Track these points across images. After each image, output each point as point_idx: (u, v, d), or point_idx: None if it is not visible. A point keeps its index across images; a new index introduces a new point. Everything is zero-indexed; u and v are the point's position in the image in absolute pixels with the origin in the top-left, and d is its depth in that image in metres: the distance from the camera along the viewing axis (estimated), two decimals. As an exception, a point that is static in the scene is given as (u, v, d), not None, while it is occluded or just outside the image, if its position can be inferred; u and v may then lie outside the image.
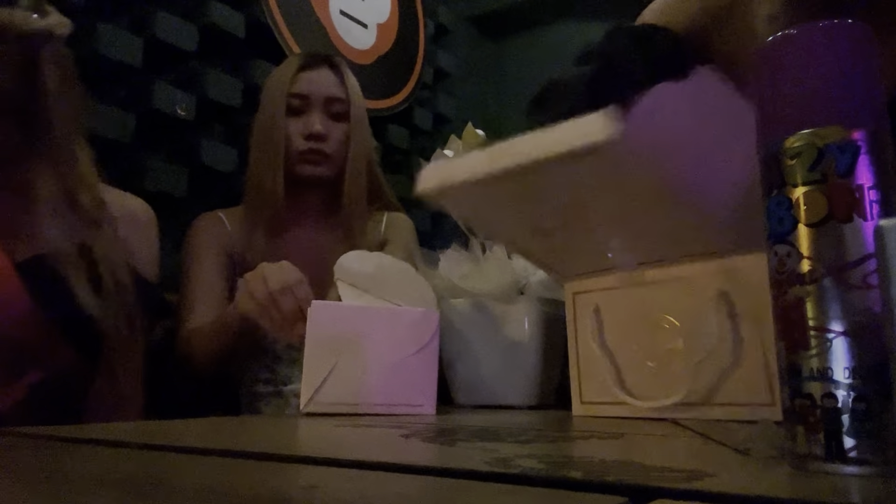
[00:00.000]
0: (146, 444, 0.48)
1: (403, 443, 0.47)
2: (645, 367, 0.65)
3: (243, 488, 0.32)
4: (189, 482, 0.34)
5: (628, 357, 0.67)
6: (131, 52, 1.27)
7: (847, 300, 0.30)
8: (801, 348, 0.31)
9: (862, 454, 0.29)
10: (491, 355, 0.88)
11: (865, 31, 0.33)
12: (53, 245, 0.85)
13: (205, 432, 0.61)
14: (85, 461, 0.42)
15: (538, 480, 0.30)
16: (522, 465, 0.34)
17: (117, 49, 1.23)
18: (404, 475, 0.33)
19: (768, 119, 0.35)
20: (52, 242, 0.85)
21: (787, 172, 0.33)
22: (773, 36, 0.35)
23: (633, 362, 0.66)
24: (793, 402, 0.32)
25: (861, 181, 0.31)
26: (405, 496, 0.30)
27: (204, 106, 1.38)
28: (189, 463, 0.40)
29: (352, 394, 0.72)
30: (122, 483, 0.34)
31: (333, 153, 1.17)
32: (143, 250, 0.98)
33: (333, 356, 0.72)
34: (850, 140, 0.31)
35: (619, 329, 0.68)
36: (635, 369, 0.66)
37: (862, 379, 0.30)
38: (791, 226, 0.32)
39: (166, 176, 1.29)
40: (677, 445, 0.45)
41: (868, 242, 0.30)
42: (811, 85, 0.33)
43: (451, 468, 0.33)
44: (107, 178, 0.94)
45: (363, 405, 0.72)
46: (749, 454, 0.37)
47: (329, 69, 1.20)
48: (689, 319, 0.62)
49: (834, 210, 0.31)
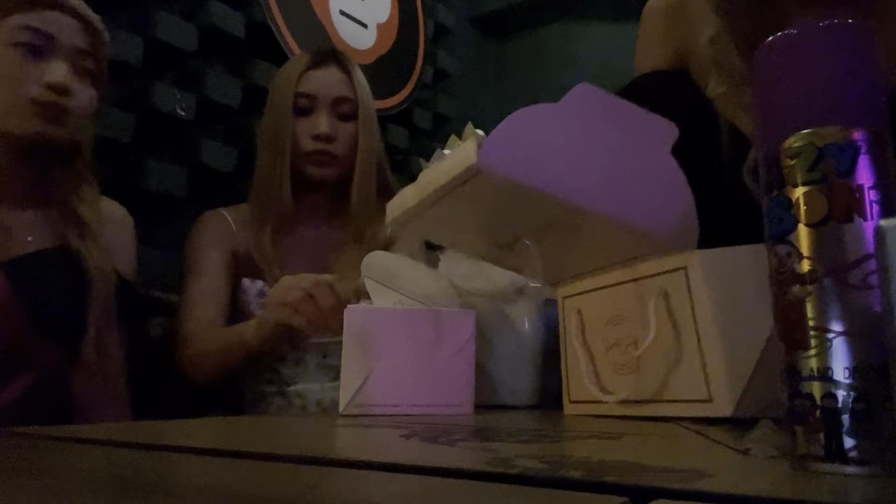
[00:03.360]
0: (145, 443, 0.48)
1: (403, 443, 0.47)
2: (612, 365, 0.67)
3: (243, 488, 0.32)
4: (188, 482, 0.34)
5: (601, 357, 0.69)
6: (131, 51, 1.27)
7: (847, 300, 0.30)
8: (801, 348, 0.31)
9: (862, 454, 0.29)
10: (491, 355, 0.88)
11: (865, 31, 0.33)
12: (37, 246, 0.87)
13: (205, 432, 0.61)
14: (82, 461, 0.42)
15: (538, 480, 0.30)
16: (522, 465, 0.34)
17: (117, 49, 1.23)
18: (404, 475, 0.33)
19: (768, 119, 0.35)
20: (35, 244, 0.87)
21: (787, 172, 0.33)
22: (773, 36, 0.35)
23: (604, 362, 0.68)
24: (793, 402, 0.32)
25: (861, 181, 0.31)
26: (405, 496, 0.30)
27: (204, 106, 1.38)
28: (188, 463, 0.40)
29: (389, 396, 0.73)
30: (119, 483, 0.34)
31: (341, 154, 1.16)
32: (123, 253, 1.00)
33: (370, 359, 0.73)
34: (850, 140, 0.31)
35: (593, 329, 0.70)
36: (606, 368, 0.68)
37: (862, 379, 0.30)
38: (791, 226, 0.32)
39: (166, 176, 1.29)
40: (677, 445, 0.45)
41: (868, 242, 0.30)
42: (811, 85, 0.33)
43: (451, 468, 0.33)
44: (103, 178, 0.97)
45: (401, 406, 0.73)
46: (749, 454, 0.37)
47: (337, 68, 1.19)
48: (640, 319, 0.64)
49: (834, 210, 0.31)
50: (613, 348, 0.67)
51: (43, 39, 0.84)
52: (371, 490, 0.31)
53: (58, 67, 0.84)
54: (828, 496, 0.27)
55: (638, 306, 0.63)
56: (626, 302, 0.65)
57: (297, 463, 0.38)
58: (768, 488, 0.29)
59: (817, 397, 0.31)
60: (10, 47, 0.83)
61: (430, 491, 0.30)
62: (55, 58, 0.85)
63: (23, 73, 0.83)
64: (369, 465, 0.36)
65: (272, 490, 0.30)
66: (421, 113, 2.03)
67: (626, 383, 0.65)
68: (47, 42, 0.84)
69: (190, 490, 0.32)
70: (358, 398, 0.72)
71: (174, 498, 0.30)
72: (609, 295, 0.68)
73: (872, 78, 0.33)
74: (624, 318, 0.66)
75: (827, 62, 0.33)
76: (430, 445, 0.45)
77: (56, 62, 0.85)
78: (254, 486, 0.32)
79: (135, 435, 0.55)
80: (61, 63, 0.85)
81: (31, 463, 0.41)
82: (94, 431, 0.57)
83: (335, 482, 0.33)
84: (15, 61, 0.82)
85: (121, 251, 0.99)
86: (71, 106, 0.86)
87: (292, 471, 0.36)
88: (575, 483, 0.29)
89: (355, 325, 0.74)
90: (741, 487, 0.28)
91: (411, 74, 1.98)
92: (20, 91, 0.83)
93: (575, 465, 0.34)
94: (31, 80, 0.83)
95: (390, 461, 0.36)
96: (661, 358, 0.61)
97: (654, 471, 0.32)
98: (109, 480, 0.35)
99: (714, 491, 0.26)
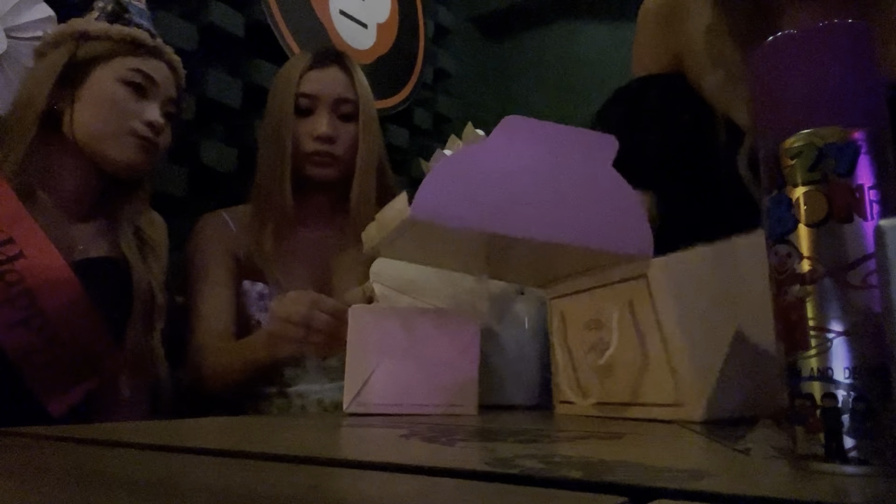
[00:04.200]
0: (146, 443, 0.48)
1: (403, 443, 0.47)
2: (590, 368, 0.68)
3: (243, 488, 0.32)
4: (188, 482, 0.34)
5: (580, 359, 0.70)
6: (131, 52, 1.26)
7: (847, 300, 0.30)
8: (801, 348, 0.31)
9: (862, 454, 0.29)
10: (491, 355, 0.88)
11: (865, 31, 0.33)
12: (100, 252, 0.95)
13: (205, 433, 0.61)
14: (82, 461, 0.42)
15: (538, 480, 0.30)
16: (522, 465, 0.34)
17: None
18: (404, 475, 0.33)
19: (768, 119, 0.35)
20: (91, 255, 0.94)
21: (787, 172, 0.33)
22: (773, 36, 0.35)
23: (583, 364, 0.69)
24: (793, 402, 0.32)
25: (861, 181, 0.31)
26: (405, 496, 0.30)
27: (204, 106, 1.38)
28: (189, 463, 0.40)
29: (393, 395, 0.74)
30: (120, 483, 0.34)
31: (342, 155, 1.15)
32: (160, 261, 1.04)
33: (375, 358, 0.74)
34: (850, 140, 0.31)
35: (574, 332, 0.71)
36: (585, 371, 0.69)
37: (862, 379, 0.30)
38: (791, 226, 0.32)
39: (166, 176, 1.29)
40: (677, 445, 0.45)
41: (868, 242, 0.30)
42: (811, 85, 0.33)
43: (451, 468, 0.33)
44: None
45: (405, 406, 0.74)
46: (749, 454, 0.37)
47: (339, 68, 1.18)
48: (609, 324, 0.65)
49: (834, 210, 0.31)
50: (591, 351, 0.67)
51: (148, 82, 0.97)
52: (371, 490, 0.31)
53: (154, 109, 0.97)
54: (828, 496, 0.27)
55: (608, 312, 0.64)
56: (600, 306, 0.66)
57: (297, 463, 0.38)
58: (768, 488, 0.29)
59: (817, 397, 0.31)
60: (120, 83, 0.95)
61: (429, 491, 0.30)
62: (153, 100, 0.98)
63: (128, 108, 0.95)
64: (369, 465, 0.36)
65: (273, 490, 0.30)
66: (421, 113, 2.03)
67: (603, 386, 0.65)
68: (151, 85, 0.97)
69: (191, 490, 0.32)
70: (362, 397, 0.72)
71: (175, 498, 0.30)
72: (585, 298, 0.69)
73: (872, 78, 0.33)
74: (598, 322, 0.66)
75: (827, 62, 0.33)
76: (430, 445, 0.45)
77: (153, 104, 0.97)
78: (254, 486, 0.32)
79: (136, 435, 0.55)
80: (156, 105, 0.97)
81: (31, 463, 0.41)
82: (95, 432, 0.57)
83: (335, 482, 0.33)
84: (124, 96, 0.95)
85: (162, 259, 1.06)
86: (160, 143, 0.99)
87: (293, 471, 0.36)
88: (575, 483, 0.29)
89: (359, 326, 0.75)
90: (741, 487, 0.28)
91: (411, 74, 1.98)
92: (124, 122, 0.94)
93: (575, 465, 0.34)
94: (133, 115, 0.95)
95: (390, 461, 0.36)
96: (630, 363, 0.62)
97: (654, 471, 0.32)
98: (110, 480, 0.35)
99: (714, 491, 0.26)
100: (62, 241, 0.90)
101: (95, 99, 0.93)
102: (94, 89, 0.94)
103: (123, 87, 0.95)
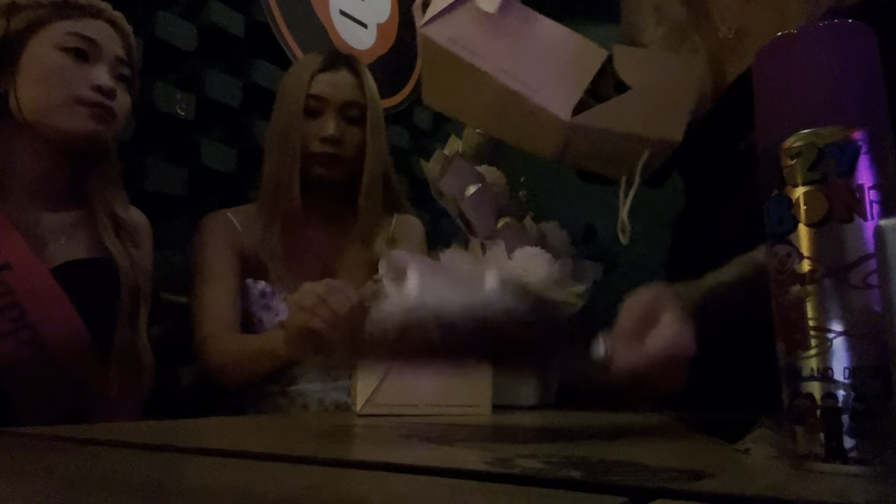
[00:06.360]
0: (146, 443, 0.48)
1: (403, 443, 0.47)
2: None
3: (244, 488, 0.32)
4: (188, 482, 0.34)
5: None
6: (131, 52, 1.26)
7: (847, 300, 0.30)
8: (801, 348, 0.31)
9: (862, 454, 0.29)
10: (491, 355, 0.88)
11: (865, 31, 0.33)
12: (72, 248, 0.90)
13: (205, 433, 0.61)
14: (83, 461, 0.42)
15: (538, 480, 0.30)
16: (522, 465, 0.34)
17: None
18: (404, 475, 0.33)
19: (768, 119, 0.35)
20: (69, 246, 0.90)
21: (788, 172, 0.33)
22: (774, 36, 0.35)
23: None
24: (793, 402, 0.32)
25: (861, 181, 0.31)
26: (405, 496, 0.30)
27: (204, 106, 1.38)
28: (190, 463, 0.40)
29: (407, 396, 0.74)
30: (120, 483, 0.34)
31: (347, 157, 1.16)
32: (144, 259, 1.02)
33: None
34: (850, 140, 0.31)
35: None
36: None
37: (862, 379, 0.30)
38: (791, 226, 0.32)
39: (166, 176, 1.29)
40: (677, 445, 0.45)
41: (868, 242, 0.30)
42: (811, 85, 0.33)
43: (451, 468, 0.33)
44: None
45: (419, 406, 0.74)
46: (749, 454, 0.37)
47: (348, 71, 1.19)
48: None
49: (834, 210, 0.31)
50: None
51: (88, 45, 0.89)
52: (371, 490, 0.31)
53: (102, 72, 0.90)
54: (828, 496, 0.27)
55: None
56: None
57: (297, 463, 0.38)
58: (768, 488, 0.29)
59: (817, 397, 0.31)
60: (58, 51, 0.88)
61: (430, 491, 0.30)
62: (98, 63, 0.90)
63: (71, 75, 0.88)
64: (369, 465, 0.36)
65: (273, 490, 0.30)
66: (421, 113, 2.02)
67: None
68: (92, 48, 0.90)
69: (191, 490, 0.32)
70: (375, 398, 0.73)
71: (176, 497, 0.30)
72: None
73: (872, 78, 0.33)
74: None
75: (827, 62, 0.33)
76: (430, 445, 0.45)
77: (99, 67, 0.90)
78: (255, 486, 0.32)
79: (137, 435, 0.55)
80: (103, 68, 0.90)
81: (31, 463, 0.41)
82: (95, 432, 0.57)
83: (336, 482, 0.33)
84: (64, 64, 0.88)
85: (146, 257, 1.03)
86: (116, 109, 0.91)
87: (293, 471, 0.36)
88: (575, 483, 0.29)
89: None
90: (741, 487, 0.28)
91: (411, 74, 1.98)
92: (69, 91, 0.87)
93: (575, 465, 0.34)
94: (78, 82, 0.88)
95: (390, 461, 0.36)
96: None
97: (654, 471, 0.32)
98: (111, 480, 0.35)
99: (714, 491, 0.26)
100: (37, 230, 0.87)
101: (35, 71, 0.87)
102: (32, 62, 0.87)
103: (62, 54, 0.88)
